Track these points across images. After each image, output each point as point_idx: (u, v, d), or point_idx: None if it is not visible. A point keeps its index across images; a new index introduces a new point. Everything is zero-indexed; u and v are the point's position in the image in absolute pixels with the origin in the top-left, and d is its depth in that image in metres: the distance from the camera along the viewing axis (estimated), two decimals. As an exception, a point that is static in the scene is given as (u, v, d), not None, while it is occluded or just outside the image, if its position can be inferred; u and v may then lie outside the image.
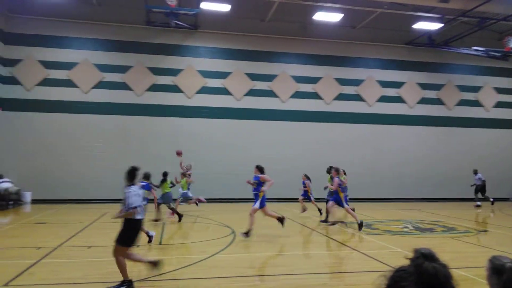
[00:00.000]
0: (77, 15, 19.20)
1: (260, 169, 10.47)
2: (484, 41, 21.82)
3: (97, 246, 8.99)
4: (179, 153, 13.83)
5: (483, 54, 20.50)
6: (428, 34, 21.73)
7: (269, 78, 21.15)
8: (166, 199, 12.55)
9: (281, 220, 10.28)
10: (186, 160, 14.30)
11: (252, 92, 20.90)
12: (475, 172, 19.51)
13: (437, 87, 23.24)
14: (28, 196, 18.06)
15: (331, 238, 10.16)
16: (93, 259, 7.72)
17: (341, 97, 21.90)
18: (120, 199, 6.38)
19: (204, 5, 18.23)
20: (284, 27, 21.22)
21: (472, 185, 19.56)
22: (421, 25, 20.44)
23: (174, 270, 6.93)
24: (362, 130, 21.95)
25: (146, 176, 10.88)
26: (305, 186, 15.18)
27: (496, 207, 18.76)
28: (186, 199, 13.91)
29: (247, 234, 9.84)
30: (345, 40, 21.99)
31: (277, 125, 20.98)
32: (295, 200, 18.41)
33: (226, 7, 18.60)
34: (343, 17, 19.64)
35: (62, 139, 18.85)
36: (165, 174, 12.94)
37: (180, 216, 12.48)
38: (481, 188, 19.23)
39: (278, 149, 20.67)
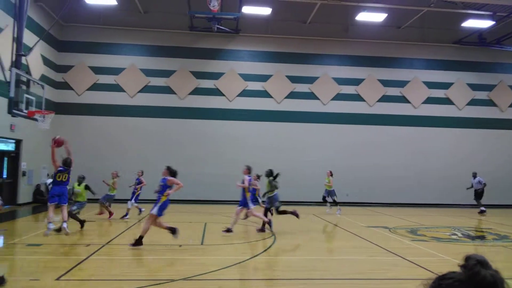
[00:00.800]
0: (124, 22, 20.00)
1: (171, 172, 9.31)
2: (541, 38, 20.51)
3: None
4: (58, 142, 9.91)
5: (540, 52, 19.29)
6: (479, 32, 20.72)
7: (310, 80, 20.98)
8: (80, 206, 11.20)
9: (173, 231, 8.92)
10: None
11: (292, 95, 20.82)
12: (474, 176, 17.99)
13: (488, 87, 22.07)
14: (78, 195, 18.90)
15: (375, 244, 9.89)
16: (137, 257, 7.96)
17: (384, 99, 21.32)
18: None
19: (245, 9, 18.42)
20: (325, 28, 21.00)
21: (468, 188, 18.06)
22: (471, 23, 19.56)
23: (216, 270, 7.00)
24: (407, 132, 21.25)
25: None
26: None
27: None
28: (109, 200, 13.15)
29: (138, 243, 8.55)
30: (389, 41, 21.41)
31: (318, 128, 20.75)
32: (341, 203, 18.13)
33: (267, 11, 18.70)
34: (387, 17, 19.18)
35: (109, 141, 19.64)
36: (81, 178, 11.43)
37: (82, 222, 10.83)
38: (480, 193, 17.72)
39: (319, 152, 20.44)
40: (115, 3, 18.12)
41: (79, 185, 11.33)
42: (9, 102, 11.52)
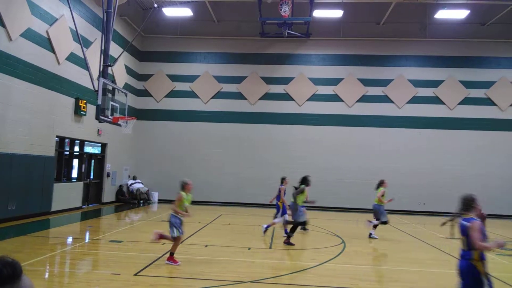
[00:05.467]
0: (199, 32, 20.90)
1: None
2: None
3: (213, 245, 9.54)
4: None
5: None
6: None
7: (384, 83, 20.19)
8: None
9: None
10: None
11: (364, 98, 20.18)
12: None
13: None
14: (156, 196, 20.08)
15: (456, 257, 9.17)
16: (207, 258, 8.20)
17: (467, 101, 19.82)
18: (237, 202, 6.60)
19: (316, 13, 18.28)
20: (401, 28, 20.10)
21: None
22: None
23: (285, 274, 6.99)
24: (493, 137, 19.50)
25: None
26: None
27: None
28: None
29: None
30: (472, 39, 19.87)
31: (393, 132, 19.87)
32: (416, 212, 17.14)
33: (338, 13, 18.37)
34: (470, 13, 17.85)
35: (183, 145, 20.59)
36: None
37: None
38: None
39: (392, 158, 19.59)
40: (191, 14, 19.01)
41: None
42: (97, 109, 12.54)
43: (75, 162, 16.39)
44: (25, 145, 12.37)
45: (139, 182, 19.88)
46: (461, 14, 17.88)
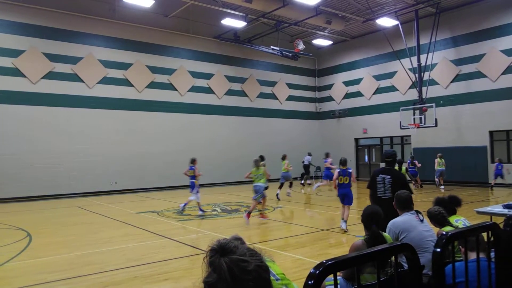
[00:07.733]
0: None
1: None
2: (279, 41, 24.74)
3: None
4: None
5: (278, 53, 23.28)
6: (234, 31, 23.40)
7: (73, 60, 19.12)
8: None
9: None
10: None
11: (51, 75, 18.53)
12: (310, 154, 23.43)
13: (241, 80, 25.31)
14: None
15: (144, 229, 10.04)
16: None
17: (153, 85, 21.57)
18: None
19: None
20: (90, 5, 19.48)
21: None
22: (228, 22, 21.72)
23: None
24: (174, 119, 22.18)
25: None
26: None
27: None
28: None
29: None
30: (157, 28, 21.64)
31: (82, 113, 19.21)
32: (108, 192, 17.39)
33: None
34: (155, 3, 19.25)
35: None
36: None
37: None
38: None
39: (81, 139, 19.11)
40: None
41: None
42: None
43: None
44: None
45: None
46: (147, 2, 18.94)
